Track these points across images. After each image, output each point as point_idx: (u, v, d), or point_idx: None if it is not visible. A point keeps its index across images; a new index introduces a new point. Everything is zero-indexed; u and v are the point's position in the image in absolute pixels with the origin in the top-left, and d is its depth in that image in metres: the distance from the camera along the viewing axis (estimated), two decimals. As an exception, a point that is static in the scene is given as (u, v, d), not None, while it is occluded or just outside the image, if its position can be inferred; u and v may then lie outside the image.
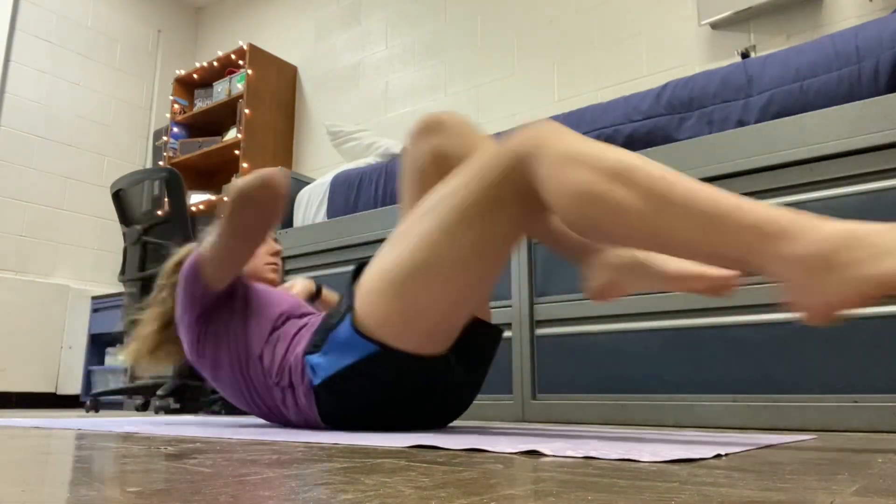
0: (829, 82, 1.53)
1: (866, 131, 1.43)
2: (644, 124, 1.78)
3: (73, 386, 3.98)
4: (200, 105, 4.43)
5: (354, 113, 3.95)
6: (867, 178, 1.43)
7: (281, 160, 4.09)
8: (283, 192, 1.22)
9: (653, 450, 0.76)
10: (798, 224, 0.77)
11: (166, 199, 2.60)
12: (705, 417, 1.51)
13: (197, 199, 4.16)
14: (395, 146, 2.87)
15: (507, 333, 1.86)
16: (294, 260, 2.45)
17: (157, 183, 2.66)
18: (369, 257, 1.14)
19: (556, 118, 1.95)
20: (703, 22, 2.73)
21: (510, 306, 1.86)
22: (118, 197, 2.76)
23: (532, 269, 1.85)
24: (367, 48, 4.00)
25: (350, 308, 1.13)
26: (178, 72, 4.55)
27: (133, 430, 1.23)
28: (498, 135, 2.07)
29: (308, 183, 2.68)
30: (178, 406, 2.66)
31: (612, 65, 3.05)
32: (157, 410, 2.49)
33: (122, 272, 2.70)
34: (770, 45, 2.62)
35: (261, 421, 1.59)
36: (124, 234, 2.71)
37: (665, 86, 1.80)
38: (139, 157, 4.72)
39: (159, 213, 2.65)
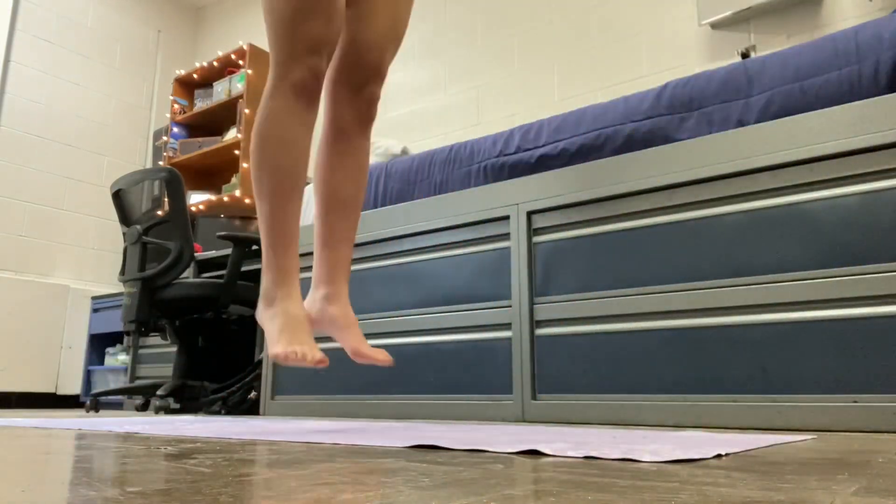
0: (829, 82, 1.53)
1: (866, 131, 1.43)
2: (644, 124, 1.78)
3: (73, 386, 3.98)
4: (200, 105, 4.43)
5: (354, 113, 3.94)
6: (867, 178, 1.43)
7: (281, 160, 4.09)
8: None
9: (653, 450, 0.76)
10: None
11: (166, 199, 2.60)
12: (705, 417, 1.51)
13: (197, 199, 4.16)
14: (396, 146, 2.87)
15: (507, 333, 1.86)
16: (294, 260, 2.45)
17: (157, 183, 2.66)
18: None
19: (556, 118, 1.95)
20: (703, 22, 2.73)
21: (510, 306, 1.86)
22: (118, 197, 2.76)
23: (532, 269, 1.85)
24: (367, 48, 3.99)
25: None
26: (178, 72, 4.55)
27: (133, 430, 1.23)
28: (497, 135, 2.06)
29: (308, 183, 2.68)
30: (178, 406, 2.66)
31: (612, 65, 3.05)
32: (157, 410, 2.49)
33: (122, 272, 2.70)
34: (770, 45, 2.62)
35: (261, 421, 1.59)
36: (124, 234, 2.71)
37: (665, 86, 1.80)
38: (139, 157, 4.71)
39: (159, 213, 2.64)
